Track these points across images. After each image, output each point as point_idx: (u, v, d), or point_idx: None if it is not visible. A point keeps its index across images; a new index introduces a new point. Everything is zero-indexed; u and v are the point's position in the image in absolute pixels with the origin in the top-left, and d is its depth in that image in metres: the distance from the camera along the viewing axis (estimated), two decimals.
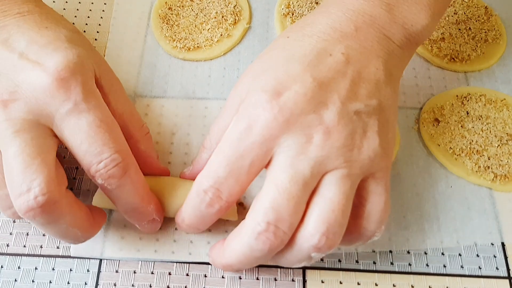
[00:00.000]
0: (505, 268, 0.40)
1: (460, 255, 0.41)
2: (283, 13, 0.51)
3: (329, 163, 0.32)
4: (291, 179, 0.31)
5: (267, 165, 0.33)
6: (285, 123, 0.32)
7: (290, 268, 0.40)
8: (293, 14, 0.50)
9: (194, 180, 0.35)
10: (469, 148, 0.45)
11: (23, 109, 0.32)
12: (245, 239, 0.32)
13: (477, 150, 0.45)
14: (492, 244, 0.41)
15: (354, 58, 0.34)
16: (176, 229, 0.41)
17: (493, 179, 0.43)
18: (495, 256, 0.41)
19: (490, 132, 0.46)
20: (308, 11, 0.50)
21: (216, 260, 0.36)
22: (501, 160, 0.44)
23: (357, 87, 0.33)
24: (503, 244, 0.41)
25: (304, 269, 0.40)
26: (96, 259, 0.40)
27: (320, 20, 0.36)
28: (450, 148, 0.45)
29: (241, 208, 0.42)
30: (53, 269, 0.39)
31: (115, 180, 0.33)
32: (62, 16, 0.39)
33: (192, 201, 0.35)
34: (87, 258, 0.40)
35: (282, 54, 0.35)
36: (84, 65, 0.35)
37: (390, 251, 0.41)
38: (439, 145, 0.45)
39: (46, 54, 0.34)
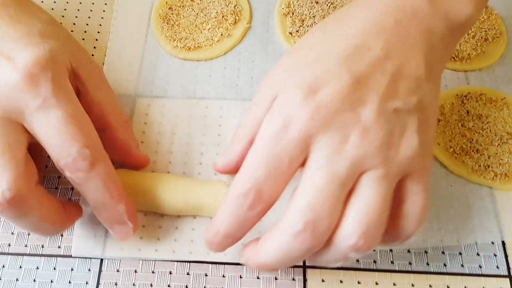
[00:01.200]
0: (505, 266, 0.40)
1: (460, 254, 0.41)
2: (284, 13, 0.51)
3: (366, 163, 0.31)
4: (328, 179, 0.30)
5: (302, 164, 0.32)
6: (321, 122, 0.31)
7: (291, 267, 0.40)
8: (293, 13, 0.50)
9: (224, 172, 0.37)
10: (469, 147, 0.45)
11: None
12: (282, 239, 0.31)
13: (477, 149, 0.45)
14: (492, 242, 0.41)
15: (394, 53, 0.33)
16: (175, 228, 0.41)
17: (493, 178, 0.44)
18: (495, 255, 0.41)
19: (490, 131, 0.46)
20: (308, 10, 0.50)
21: (250, 260, 0.35)
22: (501, 159, 0.44)
23: (397, 84, 0.32)
24: (503, 243, 0.41)
25: (304, 268, 0.40)
26: (97, 258, 0.40)
27: (357, 14, 0.35)
28: (450, 147, 0.45)
29: None
30: (54, 268, 0.39)
31: (82, 173, 0.33)
32: (39, 7, 0.39)
33: (230, 207, 0.33)
34: (88, 257, 0.40)
35: (318, 49, 0.34)
36: (56, 60, 0.35)
37: (391, 250, 0.41)
38: (439, 144, 0.45)
39: (17, 50, 0.33)
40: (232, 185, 0.33)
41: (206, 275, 0.40)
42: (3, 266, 0.39)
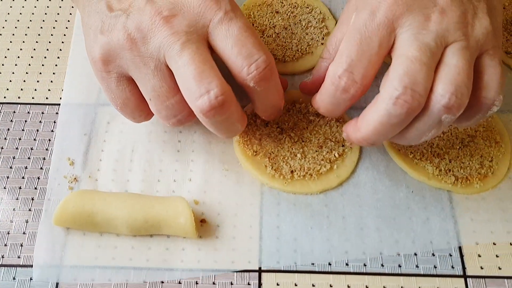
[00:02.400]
0: (460, 266, 0.40)
1: (415, 254, 0.41)
2: None
3: (449, 35, 0.35)
4: (419, 48, 0.34)
5: (391, 49, 0.36)
6: (405, 5, 0.35)
7: (246, 271, 0.40)
8: (253, 24, 0.51)
9: (312, 90, 0.40)
10: (430, 151, 0.45)
11: (183, 22, 0.36)
12: (383, 106, 0.34)
13: (438, 154, 0.45)
14: (448, 242, 0.41)
15: None
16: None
17: (454, 182, 0.44)
18: (450, 255, 0.41)
19: (451, 134, 0.46)
20: (268, 20, 0.51)
21: (352, 135, 0.38)
22: (463, 162, 0.45)
23: None
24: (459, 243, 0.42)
25: (260, 272, 0.40)
26: (57, 267, 0.40)
27: None
28: (411, 153, 0.45)
29: (204, 224, 0.42)
30: (14, 278, 0.40)
31: (265, 82, 0.37)
32: None
33: (327, 89, 0.37)
34: (47, 266, 0.40)
35: None
36: None
37: (346, 252, 0.41)
38: (399, 150, 0.45)
39: None
40: (329, 70, 0.37)
41: (162, 282, 0.40)
42: None
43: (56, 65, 0.51)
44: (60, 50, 0.52)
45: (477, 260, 0.41)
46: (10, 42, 0.53)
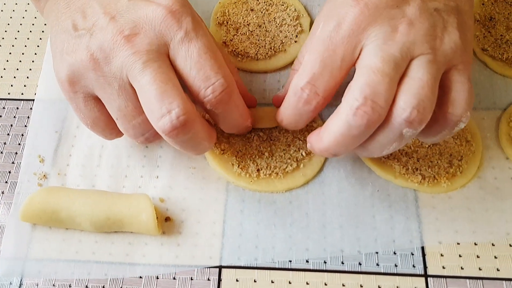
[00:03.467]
0: (422, 265, 0.40)
1: (377, 253, 0.41)
2: (218, 22, 0.52)
3: (416, 48, 0.34)
4: (383, 59, 0.34)
5: (356, 61, 0.36)
6: (371, 16, 0.35)
7: (207, 268, 0.40)
8: (228, 22, 0.52)
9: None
10: (398, 150, 0.45)
11: (145, 41, 0.35)
12: (343, 117, 0.34)
13: (406, 152, 0.45)
14: (411, 241, 0.41)
15: None
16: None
17: (420, 181, 0.43)
18: (412, 254, 0.41)
19: None
20: (243, 18, 0.51)
21: (315, 146, 0.38)
22: (431, 161, 0.44)
23: None
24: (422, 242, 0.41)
25: (220, 268, 0.40)
26: (22, 260, 0.41)
27: None
28: None
29: (168, 222, 0.43)
30: None
31: (222, 104, 0.37)
32: None
33: (290, 101, 0.38)
34: (13, 259, 0.41)
35: None
36: (187, 2, 0.38)
37: (307, 249, 0.41)
38: None
39: None
40: (292, 81, 0.37)
41: (140, 277, 0.40)
42: None
43: (33, 61, 0.52)
44: (38, 46, 0.53)
45: (439, 260, 0.41)
46: None
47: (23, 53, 0.53)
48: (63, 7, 0.39)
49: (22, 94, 0.50)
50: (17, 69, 0.51)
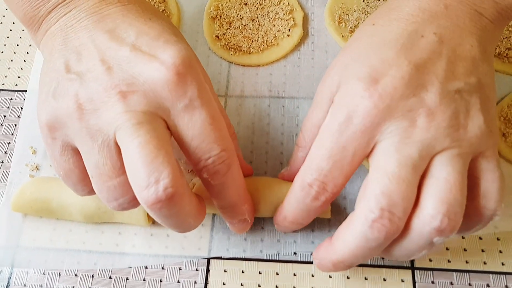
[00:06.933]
0: None
1: None
2: (212, 16, 0.52)
3: (437, 144, 0.31)
4: (400, 163, 0.31)
5: (369, 154, 0.33)
6: (386, 110, 0.31)
7: (196, 258, 0.41)
8: (221, 16, 0.52)
9: (291, 180, 0.36)
10: None
11: (142, 101, 0.32)
12: (358, 229, 0.31)
13: None
14: None
15: (447, 36, 0.34)
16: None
17: None
18: None
19: None
20: (236, 12, 0.52)
21: (325, 259, 0.35)
22: None
23: (454, 66, 0.33)
24: None
25: (208, 259, 0.41)
26: (12, 248, 0.42)
27: (406, 2, 0.36)
28: None
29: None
30: None
31: (219, 176, 0.33)
32: (156, 8, 0.38)
33: (296, 196, 0.34)
34: (4, 248, 0.42)
35: (371, 41, 0.35)
36: (193, 59, 0.34)
37: (295, 241, 0.41)
38: None
39: (159, 47, 0.33)
40: (298, 175, 0.34)
41: (127, 278, 0.41)
42: None
43: (27, 53, 0.52)
44: (27, 53, 0.53)
45: None
46: None
47: (17, 45, 0.53)
48: (59, 43, 0.35)
49: (16, 85, 0.50)
50: (12, 60, 0.52)
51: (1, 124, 0.48)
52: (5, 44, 0.53)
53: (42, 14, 0.36)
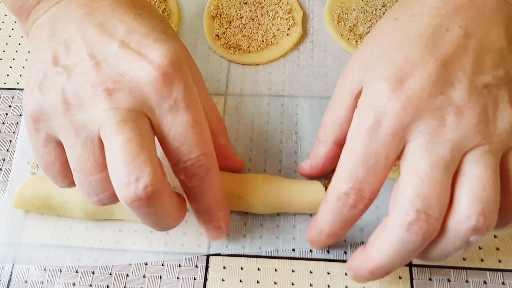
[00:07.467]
0: None
1: (362, 242, 0.41)
2: (212, 15, 0.52)
3: (468, 142, 0.31)
4: (432, 164, 0.30)
5: (400, 155, 0.32)
6: (415, 110, 0.31)
7: (195, 255, 0.41)
8: (221, 15, 0.52)
9: (311, 175, 0.36)
10: None
11: (127, 98, 0.32)
12: (394, 234, 0.31)
13: None
14: None
15: (473, 29, 0.33)
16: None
17: None
18: None
19: None
20: (236, 12, 0.52)
21: (361, 269, 0.34)
22: None
23: (481, 60, 0.32)
24: None
25: (208, 255, 0.41)
26: (14, 245, 0.42)
27: None
28: None
29: None
30: None
31: (196, 179, 0.34)
32: (147, 1, 0.39)
33: (332, 207, 0.34)
34: (5, 245, 0.42)
35: (394, 38, 0.34)
36: (182, 59, 0.34)
37: (293, 238, 0.42)
38: None
39: (147, 46, 0.33)
40: (332, 185, 0.33)
41: (127, 275, 0.41)
42: None
43: (29, 52, 0.53)
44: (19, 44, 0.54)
45: None
46: None
47: (19, 44, 0.53)
48: (47, 35, 0.35)
49: (17, 84, 0.51)
50: (14, 59, 0.52)
51: (3, 122, 0.48)
52: (7, 43, 0.53)
53: (31, 3, 0.36)
